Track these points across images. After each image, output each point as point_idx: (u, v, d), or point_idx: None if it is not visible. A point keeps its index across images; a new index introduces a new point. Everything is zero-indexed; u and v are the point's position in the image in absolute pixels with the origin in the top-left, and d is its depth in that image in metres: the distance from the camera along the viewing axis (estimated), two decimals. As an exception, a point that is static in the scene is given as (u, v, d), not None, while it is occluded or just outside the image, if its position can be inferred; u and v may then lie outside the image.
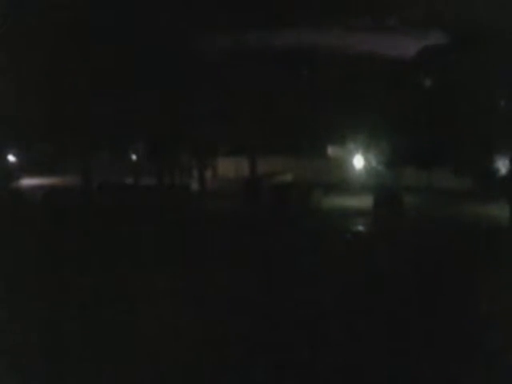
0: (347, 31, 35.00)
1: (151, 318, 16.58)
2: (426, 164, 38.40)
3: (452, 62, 35.78)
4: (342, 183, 42.01)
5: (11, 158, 48.03)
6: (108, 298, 18.10)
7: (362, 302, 17.76)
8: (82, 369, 13.67)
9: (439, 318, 16.19)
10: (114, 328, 15.90)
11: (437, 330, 15.18)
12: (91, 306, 17.08)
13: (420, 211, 34.90)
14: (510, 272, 19.75)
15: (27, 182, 47.09)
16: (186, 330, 15.67)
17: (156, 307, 17.35)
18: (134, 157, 45.58)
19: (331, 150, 48.85)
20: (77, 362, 14.02)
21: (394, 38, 35.52)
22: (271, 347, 14.41)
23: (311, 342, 14.66)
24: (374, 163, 40.53)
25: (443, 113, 35.39)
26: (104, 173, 41.37)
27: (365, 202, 35.87)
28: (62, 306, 17.19)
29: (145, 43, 34.82)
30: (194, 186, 41.70)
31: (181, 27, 35.18)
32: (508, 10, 32.90)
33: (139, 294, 18.49)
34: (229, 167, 48.89)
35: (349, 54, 35.06)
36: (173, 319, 16.43)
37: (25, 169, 47.60)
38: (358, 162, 42.33)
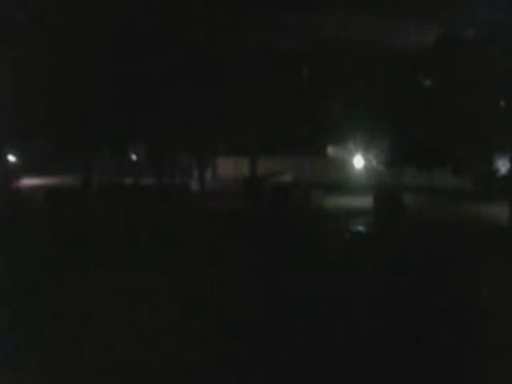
0: (346, 31, 34.95)
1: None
2: (426, 164, 38.42)
3: (452, 62, 35.75)
4: (342, 183, 42.01)
5: (11, 157, 48.04)
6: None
7: (362, 302, 17.72)
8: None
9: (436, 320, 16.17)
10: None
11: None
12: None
13: (420, 211, 34.90)
14: (508, 271, 19.77)
15: (27, 181, 47.07)
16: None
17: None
18: (133, 157, 45.59)
19: (331, 150, 48.88)
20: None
21: (395, 36, 35.47)
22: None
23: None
24: (374, 163, 40.54)
25: (443, 112, 35.40)
26: (104, 173, 41.35)
27: (365, 201, 35.84)
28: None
29: (145, 42, 34.82)
30: (194, 186, 41.67)
31: (180, 26, 35.17)
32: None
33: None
34: (229, 167, 48.90)
35: (348, 52, 35.04)
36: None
37: (25, 169, 47.62)
38: (358, 162, 42.35)
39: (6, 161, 47.66)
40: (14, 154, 47.79)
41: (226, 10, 35.53)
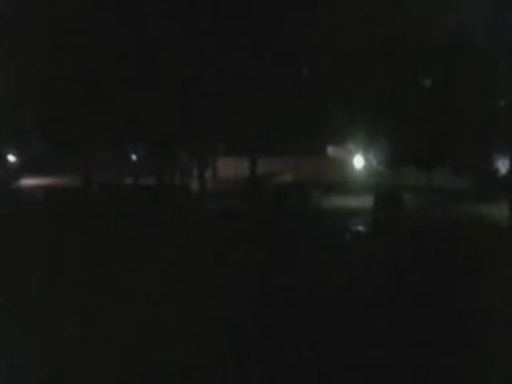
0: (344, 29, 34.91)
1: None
2: (426, 164, 38.46)
3: (453, 62, 35.79)
4: (342, 183, 42.10)
5: (11, 157, 48.13)
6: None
7: (363, 303, 17.68)
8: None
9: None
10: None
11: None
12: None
13: (420, 211, 34.95)
14: (506, 271, 19.77)
15: (27, 182, 47.13)
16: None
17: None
18: (134, 157, 45.68)
19: (331, 150, 49.01)
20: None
21: (395, 35, 35.45)
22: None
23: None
24: (374, 163, 40.60)
25: (443, 112, 35.44)
26: (104, 173, 41.39)
27: (365, 201, 35.87)
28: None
29: (145, 42, 34.83)
30: (194, 186, 41.72)
31: (179, 25, 35.19)
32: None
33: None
34: (229, 167, 49.03)
35: (347, 51, 35.05)
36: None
37: (25, 169, 47.73)
38: (358, 162, 42.44)
39: (6, 161, 47.78)
40: (14, 154, 47.90)
41: (226, 9, 35.56)
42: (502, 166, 38.03)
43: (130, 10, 34.49)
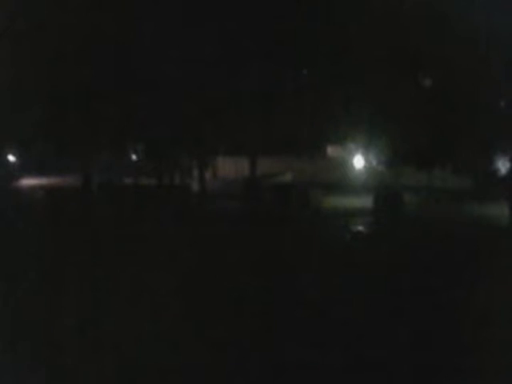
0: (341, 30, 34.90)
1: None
2: (426, 164, 38.45)
3: (453, 61, 35.76)
4: (342, 183, 42.05)
5: (11, 157, 48.15)
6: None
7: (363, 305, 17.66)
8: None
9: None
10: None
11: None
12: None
13: (420, 211, 34.97)
14: (506, 272, 19.75)
15: (27, 181, 47.15)
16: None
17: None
18: (133, 157, 45.68)
19: (331, 150, 48.95)
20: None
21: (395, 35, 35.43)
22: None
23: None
24: (374, 163, 40.58)
25: (443, 112, 35.41)
26: (104, 173, 41.39)
27: (365, 201, 35.87)
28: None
29: (144, 43, 34.84)
30: (194, 186, 41.70)
31: (179, 26, 35.20)
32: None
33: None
34: (229, 167, 48.96)
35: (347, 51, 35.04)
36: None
37: (25, 169, 47.75)
38: (358, 162, 42.40)
39: (6, 161, 47.81)
40: (14, 154, 47.92)
41: (226, 10, 35.56)
42: (502, 166, 38.03)
43: (130, 10, 34.50)
